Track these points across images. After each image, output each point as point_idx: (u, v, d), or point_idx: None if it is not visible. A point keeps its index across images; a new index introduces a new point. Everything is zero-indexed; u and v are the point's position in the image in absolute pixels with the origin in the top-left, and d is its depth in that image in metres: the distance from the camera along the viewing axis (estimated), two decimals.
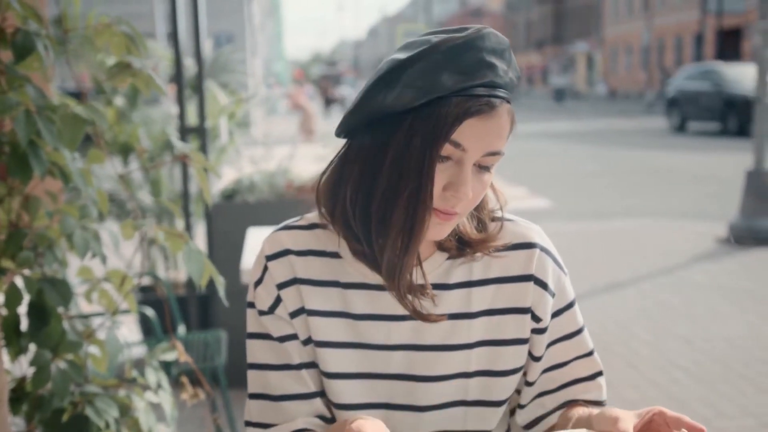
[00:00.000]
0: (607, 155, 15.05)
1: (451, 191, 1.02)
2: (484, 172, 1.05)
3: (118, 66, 1.74)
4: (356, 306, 1.13)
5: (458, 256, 1.14)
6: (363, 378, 1.15)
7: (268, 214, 3.77)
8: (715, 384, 3.83)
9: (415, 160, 0.99)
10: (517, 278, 1.15)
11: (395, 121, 1.01)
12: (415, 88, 0.99)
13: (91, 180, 1.69)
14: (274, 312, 1.14)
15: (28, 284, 1.58)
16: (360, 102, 1.04)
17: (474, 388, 1.16)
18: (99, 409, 1.65)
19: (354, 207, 1.06)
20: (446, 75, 0.99)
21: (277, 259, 1.14)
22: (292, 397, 1.15)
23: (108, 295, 1.88)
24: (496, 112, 1.01)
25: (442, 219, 1.04)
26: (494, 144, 1.02)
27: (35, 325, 1.61)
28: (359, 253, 1.11)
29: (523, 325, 1.16)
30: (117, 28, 1.76)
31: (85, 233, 1.65)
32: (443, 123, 0.99)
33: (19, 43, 1.60)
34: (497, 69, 1.01)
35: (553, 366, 1.19)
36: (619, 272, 6.11)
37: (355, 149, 1.07)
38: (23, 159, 1.56)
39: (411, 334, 1.14)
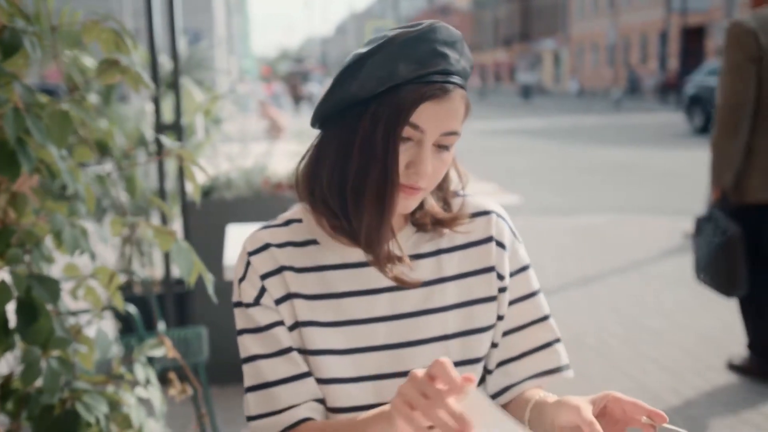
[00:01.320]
0: (575, 152, 15.21)
1: (412, 168, 1.14)
2: (443, 151, 1.17)
3: (106, 62, 1.74)
4: (337, 285, 1.22)
5: (426, 230, 1.26)
6: (351, 353, 1.22)
7: (245, 211, 3.78)
8: (685, 375, 3.91)
9: (381, 142, 1.11)
10: (479, 242, 1.28)
11: (361, 108, 1.13)
12: (375, 77, 1.11)
13: (79, 177, 1.70)
14: (260, 302, 1.22)
15: (16, 281, 1.58)
16: (329, 92, 1.16)
17: (455, 349, 1.24)
18: (88, 405, 1.66)
19: (331, 188, 1.18)
20: (403, 65, 1.11)
21: (258, 254, 1.23)
22: (286, 380, 1.20)
23: (94, 293, 1.89)
24: (450, 96, 1.13)
25: (407, 194, 1.16)
26: (449, 125, 1.14)
27: (24, 322, 1.61)
28: (338, 229, 1.21)
29: (490, 283, 1.27)
30: (105, 24, 1.76)
31: (74, 230, 1.65)
32: (402, 107, 1.11)
33: (6, 41, 1.60)
34: (449, 58, 1.13)
35: (513, 329, 1.29)
36: (589, 267, 6.19)
37: (328, 136, 1.19)
38: (12, 156, 1.56)
39: (390, 305, 1.23)
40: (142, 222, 1.65)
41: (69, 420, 1.63)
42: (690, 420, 3.39)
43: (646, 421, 1.05)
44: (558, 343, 1.31)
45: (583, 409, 1.05)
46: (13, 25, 1.61)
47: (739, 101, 3.38)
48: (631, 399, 1.07)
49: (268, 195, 3.92)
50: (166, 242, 1.61)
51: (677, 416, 3.42)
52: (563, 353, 1.31)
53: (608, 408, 1.09)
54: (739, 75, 3.37)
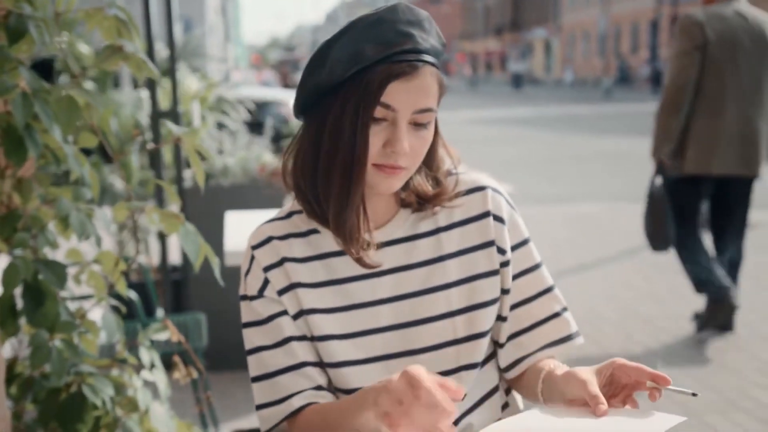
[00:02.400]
0: (567, 141, 15.25)
1: (389, 147, 1.16)
2: (420, 129, 1.18)
3: (109, 49, 1.75)
4: (340, 271, 1.25)
5: (420, 210, 1.28)
6: (358, 336, 1.24)
7: (242, 198, 3.79)
8: (677, 361, 3.96)
9: (349, 123, 1.14)
10: (477, 217, 1.30)
11: (332, 94, 1.15)
12: (342, 62, 1.13)
13: (84, 162, 1.71)
14: (263, 294, 1.26)
15: (24, 265, 1.60)
16: (300, 84, 1.19)
17: (461, 324, 1.26)
18: (95, 388, 1.68)
19: (303, 172, 1.21)
20: (368, 47, 1.13)
21: (261, 247, 1.27)
22: (284, 370, 1.24)
23: (98, 277, 1.90)
24: (419, 72, 1.14)
25: (387, 173, 1.18)
26: (421, 102, 1.15)
27: (31, 306, 1.63)
28: (310, 212, 1.24)
29: (491, 257, 1.29)
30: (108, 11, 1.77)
31: (80, 215, 1.67)
32: (371, 87, 1.12)
33: (12, 26, 1.61)
34: (415, 37, 1.14)
35: (521, 302, 1.31)
36: (584, 255, 6.23)
37: (305, 125, 1.22)
38: (19, 141, 1.57)
39: (393, 286, 1.25)
40: (147, 206, 1.66)
41: (76, 403, 1.65)
42: (682, 407, 3.43)
43: (650, 385, 1.07)
44: (566, 312, 1.34)
45: (589, 382, 1.07)
46: (19, 10, 1.62)
47: (683, 82, 3.86)
48: (636, 364, 1.09)
49: (264, 182, 3.93)
50: (173, 226, 1.63)
51: (670, 401, 3.46)
52: (572, 321, 1.34)
53: (615, 375, 1.11)
54: (686, 60, 3.86)
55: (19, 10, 1.63)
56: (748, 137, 3.94)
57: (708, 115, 3.91)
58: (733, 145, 3.92)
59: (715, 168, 3.93)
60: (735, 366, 3.87)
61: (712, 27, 3.86)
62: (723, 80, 3.88)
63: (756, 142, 3.96)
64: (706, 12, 3.91)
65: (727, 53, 3.86)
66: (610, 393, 1.12)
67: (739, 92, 3.91)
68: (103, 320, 1.71)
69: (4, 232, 1.65)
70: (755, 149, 3.96)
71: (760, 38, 3.91)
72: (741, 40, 3.88)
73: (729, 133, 3.91)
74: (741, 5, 3.98)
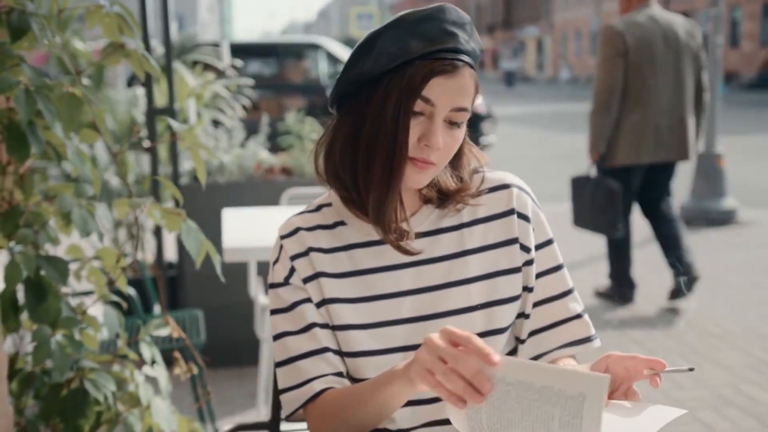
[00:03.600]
0: (558, 139, 15.29)
1: (424, 141, 1.19)
2: (453, 127, 1.21)
3: (111, 46, 1.76)
4: (364, 262, 1.28)
5: (443, 206, 1.30)
6: (378, 327, 1.27)
7: (238, 196, 3.80)
8: (670, 357, 3.98)
9: (391, 114, 1.16)
10: (501, 214, 1.32)
11: (374, 85, 1.19)
12: (387, 54, 1.17)
13: (86, 159, 1.72)
14: (289, 281, 1.29)
15: (26, 261, 1.61)
16: (344, 72, 1.21)
17: (479, 319, 1.28)
18: (96, 383, 1.69)
19: (343, 160, 1.23)
20: (414, 41, 1.17)
21: (289, 237, 1.30)
22: (306, 355, 1.26)
23: (99, 274, 1.91)
24: (459, 72, 1.18)
25: (419, 168, 1.20)
26: (459, 101, 1.19)
27: (33, 302, 1.64)
28: (348, 200, 1.26)
29: (513, 254, 1.31)
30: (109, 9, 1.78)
31: (82, 211, 1.68)
32: (414, 81, 1.16)
33: (14, 23, 1.62)
34: (458, 37, 1.19)
35: (543, 300, 1.33)
36: (575, 252, 6.26)
37: (343, 115, 1.24)
38: (22, 138, 1.58)
39: (415, 279, 1.28)
40: (149, 203, 1.67)
41: (78, 398, 1.66)
42: (677, 403, 3.46)
43: (648, 372, 1.09)
44: (585, 314, 1.36)
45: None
46: (21, 7, 1.62)
47: (611, 86, 4.35)
48: (629, 354, 1.11)
49: (260, 180, 3.94)
50: (174, 223, 1.64)
51: (664, 398, 3.49)
52: (590, 324, 1.36)
53: (611, 369, 1.13)
54: (611, 66, 4.35)
55: (21, 7, 1.64)
56: (675, 127, 4.45)
57: (635, 112, 4.40)
58: (660, 136, 4.43)
59: (645, 158, 4.44)
60: (728, 363, 3.90)
61: (630, 34, 4.34)
62: (645, 80, 4.36)
63: (684, 129, 4.47)
64: (624, 21, 4.40)
65: (645, 56, 4.35)
66: (610, 388, 1.13)
67: (660, 89, 4.40)
68: (104, 316, 1.72)
69: (6, 228, 1.66)
70: (684, 136, 4.47)
71: (672, 38, 4.42)
72: (656, 43, 4.38)
73: (655, 126, 4.41)
74: (653, 10, 4.47)
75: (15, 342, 1.97)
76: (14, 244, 1.67)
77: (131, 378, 1.80)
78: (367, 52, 1.18)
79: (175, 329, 1.81)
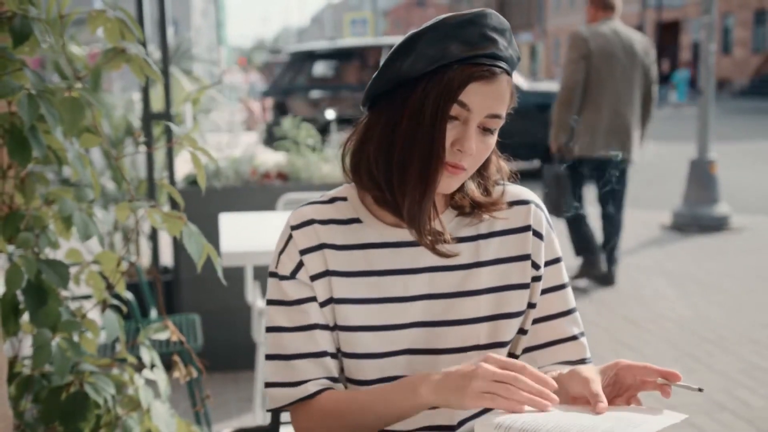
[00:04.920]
0: None
1: (457, 146, 1.18)
2: (487, 134, 1.21)
3: (113, 51, 1.77)
4: (377, 263, 1.26)
5: (467, 215, 1.29)
6: (385, 330, 1.26)
7: (234, 200, 3.80)
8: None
9: (429, 118, 1.15)
10: (517, 230, 1.32)
11: (411, 86, 1.18)
12: (427, 56, 1.16)
13: (87, 163, 1.73)
14: (296, 276, 1.26)
15: (27, 265, 1.61)
16: (382, 70, 1.20)
17: (484, 331, 1.29)
18: (96, 386, 1.69)
19: (377, 160, 1.22)
20: (454, 45, 1.16)
21: (301, 229, 1.27)
22: (305, 356, 1.25)
23: (97, 278, 1.91)
24: (497, 79, 1.17)
25: (450, 172, 1.20)
26: (495, 107, 1.18)
27: (34, 305, 1.64)
28: (381, 201, 1.24)
29: (524, 271, 1.31)
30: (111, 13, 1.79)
31: (83, 215, 1.68)
32: (452, 85, 1.15)
33: (17, 28, 1.62)
34: (498, 43, 1.18)
35: (543, 318, 1.33)
36: (569, 258, 6.28)
37: (376, 114, 1.23)
38: (24, 142, 1.58)
39: (428, 284, 1.27)
40: (149, 207, 1.68)
41: (78, 401, 1.66)
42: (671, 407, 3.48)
43: (661, 382, 1.11)
44: (583, 337, 1.35)
45: (592, 380, 1.10)
46: (24, 12, 1.63)
47: (573, 85, 4.89)
48: (642, 363, 1.12)
49: (257, 184, 3.94)
50: (176, 227, 1.64)
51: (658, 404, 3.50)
52: (587, 346, 1.35)
53: (619, 376, 1.14)
54: (575, 67, 4.90)
55: (23, 11, 1.65)
56: (621, 127, 5.00)
57: (591, 111, 4.94)
58: (609, 134, 4.96)
59: (595, 151, 4.95)
60: (721, 368, 3.92)
61: (594, 41, 4.91)
62: (602, 83, 4.93)
63: (628, 132, 5.01)
64: (590, 29, 4.98)
65: (605, 62, 4.91)
66: (614, 393, 1.15)
67: (614, 93, 4.95)
68: (104, 319, 1.72)
69: (7, 231, 1.66)
70: (627, 137, 5.01)
71: (630, 51, 4.99)
72: (616, 52, 4.93)
73: (606, 125, 4.94)
74: (616, 24, 5.05)
75: (13, 345, 1.97)
76: (14, 248, 1.67)
77: (131, 381, 1.80)
78: (407, 52, 1.17)
79: (174, 332, 1.82)
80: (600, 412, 1.07)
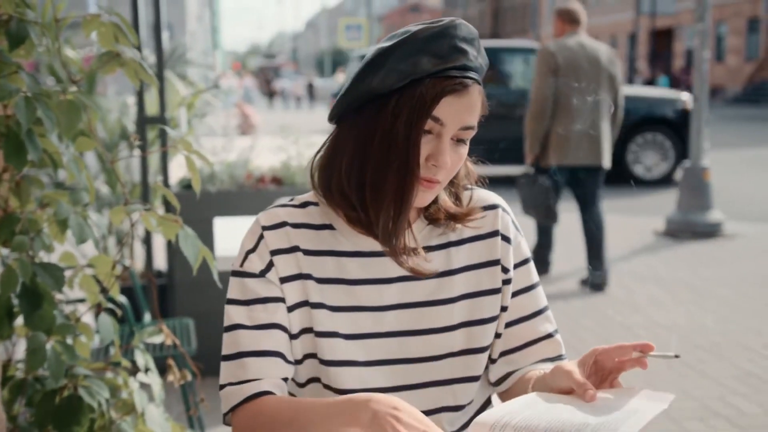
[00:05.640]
0: None
1: (432, 161, 1.17)
2: (460, 145, 1.21)
3: (107, 55, 1.77)
4: (351, 272, 1.25)
5: (439, 224, 1.28)
6: (359, 338, 1.24)
7: (229, 204, 3.80)
8: (657, 369, 4.01)
9: (403, 135, 1.14)
10: (486, 235, 1.32)
11: (380, 102, 1.16)
12: (397, 71, 1.14)
13: (83, 167, 1.73)
14: (266, 276, 1.23)
15: (22, 268, 1.61)
16: (351, 86, 1.18)
17: (459, 338, 1.28)
18: (91, 390, 1.69)
19: (349, 178, 1.20)
20: (425, 59, 1.14)
21: (273, 230, 1.25)
22: (262, 354, 1.20)
23: (91, 281, 1.91)
24: (469, 91, 1.17)
25: (425, 186, 1.19)
26: (468, 119, 1.18)
27: (29, 308, 1.64)
28: (355, 221, 1.23)
29: (495, 275, 1.30)
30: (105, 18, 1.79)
31: (78, 218, 1.68)
32: (424, 100, 1.14)
33: (13, 31, 1.63)
34: (468, 54, 1.17)
35: (516, 320, 1.32)
36: (563, 264, 6.29)
37: (346, 130, 1.21)
38: (20, 145, 1.58)
39: (400, 294, 1.26)
40: (144, 211, 1.68)
41: (72, 405, 1.66)
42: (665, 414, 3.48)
43: (636, 355, 1.11)
44: (557, 334, 1.36)
45: (575, 372, 1.11)
46: (20, 16, 1.63)
47: (544, 97, 5.10)
48: (616, 344, 1.12)
49: (251, 189, 3.94)
50: (171, 230, 1.64)
51: None
52: (562, 343, 1.36)
53: (598, 362, 1.14)
54: (544, 81, 5.12)
55: (20, 15, 1.65)
56: (593, 136, 5.20)
57: (562, 121, 5.13)
58: (581, 143, 5.15)
59: (568, 160, 5.16)
60: (715, 375, 3.93)
61: (561, 55, 5.14)
62: (570, 95, 5.15)
63: (598, 140, 5.20)
64: (557, 44, 5.23)
65: (572, 75, 5.12)
66: (597, 381, 1.14)
67: (581, 104, 5.02)
68: (99, 322, 1.72)
69: (2, 235, 1.66)
70: (598, 145, 5.20)
71: (595, 62, 5.22)
72: (582, 64, 5.17)
73: (577, 134, 5.13)
74: (581, 37, 5.28)
75: (7, 349, 1.97)
76: (9, 251, 1.67)
77: (125, 385, 1.80)
78: (377, 68, 1.15)
79: (168, 336, 1.82)
80: (591, 400, 1.07)
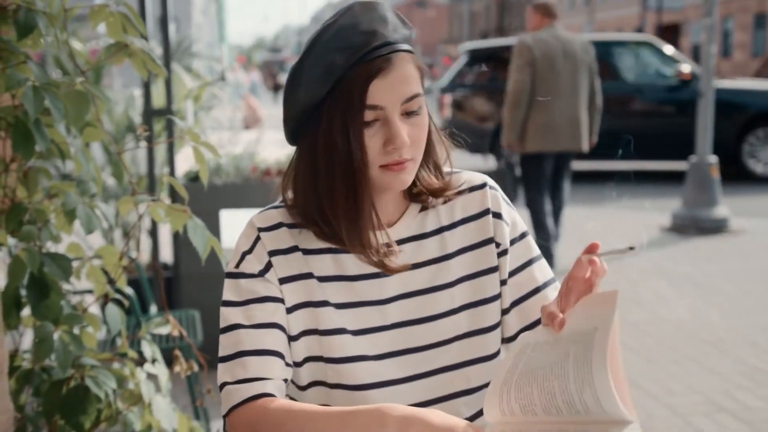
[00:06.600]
0: None
1: (390, 146, 1.16)
2: (413, 116, 1.18)
3: (115, 46, 1.77)
4: (350, 268, 1.25)
5: (429, 207, 1.29)
6: (365, 333, 1.24)
7: (235, 197, 3.80)
8: (663, 364, 4.01)
9: (341, 136, 1.14)
10: (477, 215, 1.31)
11: (317, 113, 1.16)
12: (316, 79, 1.14)
13: (90, 157, 1.73)
14: (264, 276, 1.22)
15: (30, 258, 1.61)
16: (284, 110, 1.19)
17: (463, 321, 1.28)
18: (98, 380, 1.69)
19: (306, 195, 1.21)
20: (337, 56, 1.13)
21: (270, 231, 1.25)
22: (264, 353, 1.18)
23: (99, 272, 1.92)
24: (394, 64, 1.15)
25: (396, 170, 1.18)
26: (405, 91, 1.16)
27: (36, 298, 1.64)
28: (321, 234, 1.23)
29: (491, 254, 1.30)
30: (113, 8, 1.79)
31: (86, 209, 1.68)
32: (353, 95, 1.13)
33: (21, 21, 1.63)
34: (377, 33, 1.15)
35: (527, 294, 1.30)
36: (568, 260, 6.28)
37: (298, 150, 1.23)
38: (28, 135, 1.58)
39: (401, 285, 1.26)
40: (153, 201, 1.68)
41: (79, 395, 1.66)
42: (670, 408, 3.48)
43: (585, 258, 1.11)
44: None
45: (547, 306, 1.12)
46: (29, 5, 1.63)
47: (521, 88, 5.35)
48: (571, 270, 1.12)
49: (257, 182, 3.94)
50: (180, 220, 1.64)
51: (657, 404, 3.51)
52: None
53: (570, 286, 1.12)
54: (521, 73, 5.36)
55: (28, 5, 1.65)
56: (572, 123, 5.45)
57: (540, 110, 5.39)
58: (561, 129, 5.41)
59: (548, 146, 5.42)
60: (720, 369, 3.92)
61: (537, 48, 5.35)
62: (548, 85, 5.37)
63: (578, 126, 5.46)
64: (533, 37, 5.45)
65: (548, 66, 5.35)
66: (578, 298, 1.15)
67: (560, 93, 5.43)
68: (107, 313, 1.72)
69: (11, 225, 1.66)
70: (578, 130, 5.47)
71: (571, 54, 5.44)
72: (557, 57, 5.38)
73: (556, 122, 5.40)
74: (557, 31, 5.50)
75: (14, 339, 1.97)
76: (16, 241, 1.67)
77: (132, 376, 1.80)
78: (296, 84, 1.15)
79: (175, 327, 1.82)
80: (559, 327, 1.09)
